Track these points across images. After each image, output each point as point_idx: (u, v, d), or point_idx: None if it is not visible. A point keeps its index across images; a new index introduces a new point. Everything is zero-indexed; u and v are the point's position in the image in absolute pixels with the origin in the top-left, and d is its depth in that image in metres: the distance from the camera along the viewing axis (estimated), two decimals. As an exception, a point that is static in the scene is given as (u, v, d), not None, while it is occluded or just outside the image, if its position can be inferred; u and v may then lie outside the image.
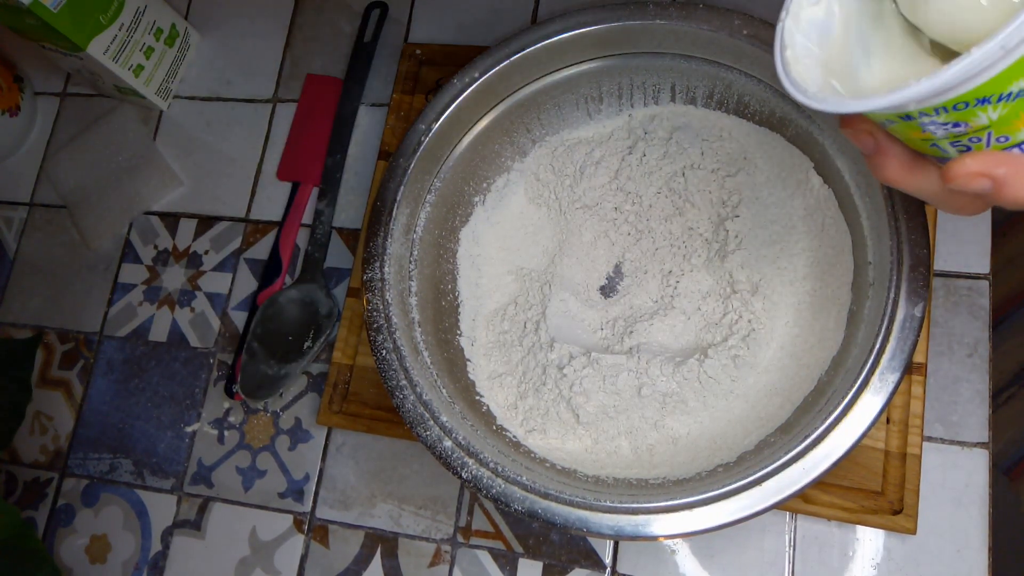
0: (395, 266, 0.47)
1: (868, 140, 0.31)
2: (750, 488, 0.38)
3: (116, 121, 0.64)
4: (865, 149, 0.32)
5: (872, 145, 0.31)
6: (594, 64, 0.50)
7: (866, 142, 0.31)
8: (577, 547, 0.49)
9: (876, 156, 0.31)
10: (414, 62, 0.58)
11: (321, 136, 0.59)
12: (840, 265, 0.45)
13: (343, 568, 0.51)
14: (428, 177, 0.50)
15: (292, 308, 0.55)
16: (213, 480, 0.55)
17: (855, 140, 0.32)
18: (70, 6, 0.54)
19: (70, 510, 0.57)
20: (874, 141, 0.31)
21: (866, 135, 0.31)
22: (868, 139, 0.31)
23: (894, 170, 0.31)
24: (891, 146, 0.31)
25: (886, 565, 0.45)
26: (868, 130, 0.31)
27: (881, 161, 0.31)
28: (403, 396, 0.44)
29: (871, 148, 0.31)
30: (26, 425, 0.59)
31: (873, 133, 0.31)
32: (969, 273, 0.48)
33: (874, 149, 0.31)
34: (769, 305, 0.47)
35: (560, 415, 0.47)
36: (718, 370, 0.46)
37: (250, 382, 0.54)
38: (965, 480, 0.45)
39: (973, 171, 0.27)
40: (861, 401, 0.38)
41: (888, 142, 0.31)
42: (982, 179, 0.27)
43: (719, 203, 0.50)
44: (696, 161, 0.50)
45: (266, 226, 0.60)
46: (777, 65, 0.29)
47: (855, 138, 0.32)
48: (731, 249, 0.48)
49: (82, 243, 0.63)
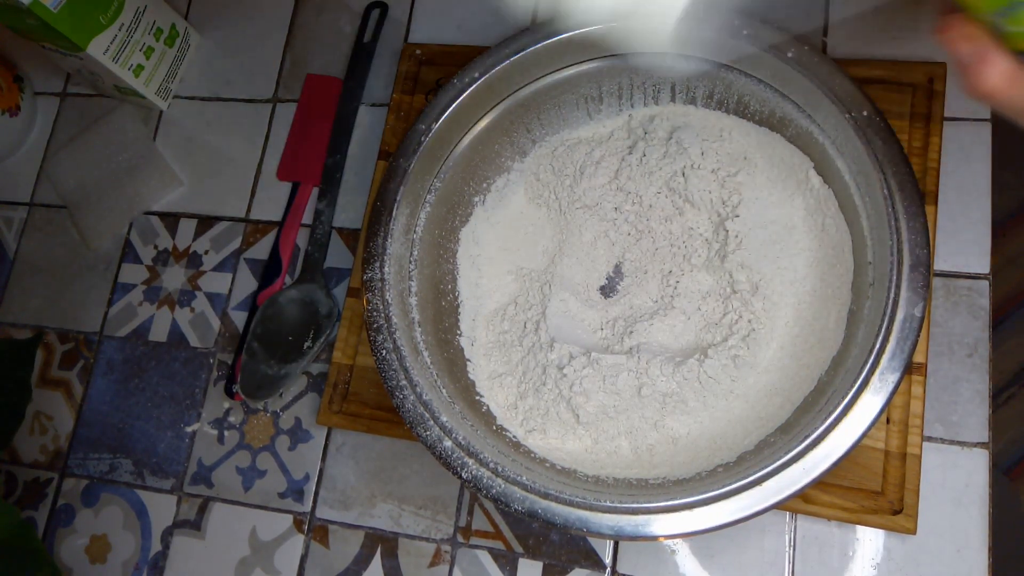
0: (395, 266, 0.47)
1: (968, 47, 0.29)
2: (750, 488, 0.38)
3: (116, 121, 0.64)
4: (964, 58, 0.30)
5: (972, 53, 0.29)
6: (594, 64, 0.50)
7: (966, 50, 0.29)
8: (577, 547, 0.49)
9: (979, 63, 0.29)
10: (414, 62, 0.58)
11: (321, 136, 0.59)
12: (840, 265, 0.45)
13: (343, 568, 0.51)
14: (428, 177, 0.50)
15: (292, 308, 0.55)
16: (213, 480, 0.55)
17: (952, 47, 0.30)
18: (70, 6, 0.54)
19: (70, 510, 0.57)
20: (975, 48, 0.29)
21: (966, 40, 0.29)
22: (969, 46, 0.29)
23: (997, 79, 0.29)
24: (996, 52, 0.29)
25: (886, 565, 0.45)
26: (971, 34, 0.29)
27: (984, 69, 0.29)
28: (403, 396, 0.44)
29: (971, 56, 0.29)
30: (26, 425, 0.59)
31: (975, 38, 0.29)
32: (969, 273, 0.48)
33: (976, 57, 0.29)
34: (769, 305, 0.47)
35: (560, 415, 0.47)
36: (718, 370, 0.46)
37: (250, 382, 0.54)
38: (965, 480, 0.45)
39: None
40: (861, 401, 0.39)
41: (992, 48, 0.29)
42: None
43: (719, 203, 0.50)
44: (696, 161, 0.50)
45: (266, 226, 0.60)
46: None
47: (953, 44, 0.30)
48: (731, 249, 0.48)
49: (82, 243, 0.63)
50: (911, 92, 0.49)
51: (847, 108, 0.43)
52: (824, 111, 0.44)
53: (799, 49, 0.44)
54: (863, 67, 0.50)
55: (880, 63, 0.50)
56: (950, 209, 0.49)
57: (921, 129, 0.48)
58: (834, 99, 0.43)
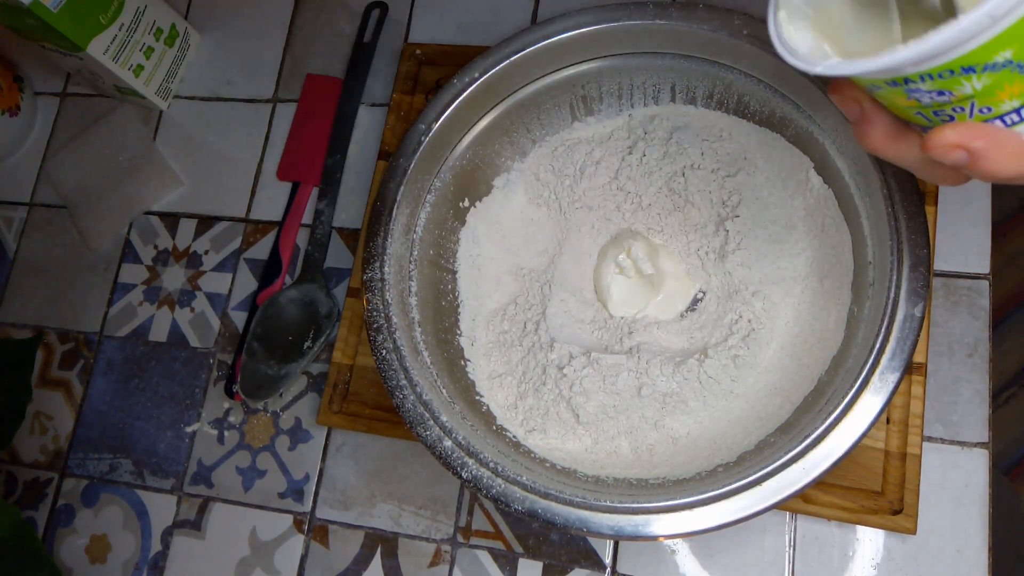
0: (395, 266, 0.47)
1: (855, 107, 0.31)
2: (750, 488, 0.38)
3: (116, 121, 0.64)
4: (851, 115, 0.32)
5: (858, 112, 0.31)
6: (594, 64, 0.50)
7: (852, 108, 0.31)
8: (577, 547, 0.49)
9: (862, 123, 0.31)
10: (414, 62, 0.58)
11: (321, 136, 0.59)
12: (840, 265, 0.45)
13: (343, 568, 0.51)
14: (428, 177, 0.50)
15: (292, 308, 0.55)
16: (213, 480, 0.55)
17: (841, 106, 0.32)
18: (70, 6, 0.54)
19: (70, 510, 0.57)
20: (860, 108, 0.31)
21: (853, 101, 0.31)
22: (855, 106, 0.31)
23: (878, 138, 0.31)
24: (877, 114, 0.31)
25: (886, 565, 0.45)
26: (855, 96, 0.31)
27: (866, 129, 0.31)
28: (403, 396, 0.44)
29: (857, 115, 0.31)
30: (26, 425, 0.59)
31: (859, 100, 0.31)
32: (969, 273, 0.48)
33: (860, 116, 0.31)
34: (769, 305, 0.47)
35: (560, 415, 0.47)
36: (718, 370, 0.46)
37: (250, 382, 0.54)
38: (965, 480, 0.45)
39: (950, 142, 0.27)
40: (861, 401, 0.38)
41: (874, 109, 0.31)
42: (958, 151, 0.27)
43: (719, 203, 0.50)
44: (696, 161, 0.50)
45: (266, 226, 0.60)
46: (769, 25, 0.29)
47: (842, 104, 0.32)
48: (731, 249, 0.48)
49: (82, 243, 0.63)
50: (911, 92, 0.49)
51: (847, 108, 0.43)
52: (824, 111, 0.44)
53: (799, 49, 0.44)
54: (863, 67, 0.50)
55: (880, 63, 0.50)
56: (950, 209, 0.49)
57: (921, 129, 0.48)
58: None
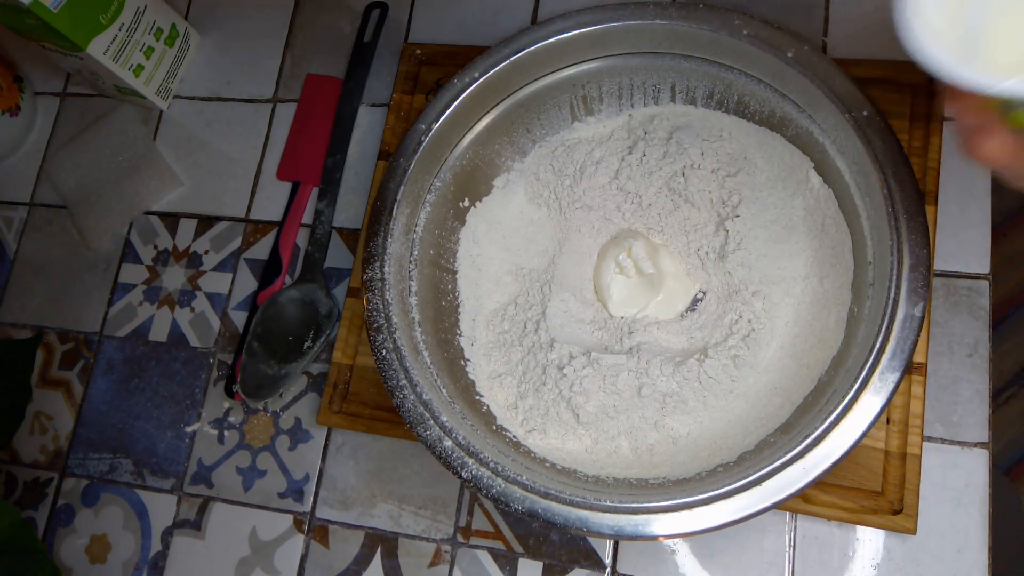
0: (395, 266, 0.47)
1: (975, 118, 0.30)
2: (750, 488, 0.38)
3: (116, 121, 0.64)
4: (967, 126, 0.31)
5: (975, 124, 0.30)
6: (594, 64, 0.50)
7: (969, 120, 0.30)
8: (577, 547, 0.49)
9: (980, 133, 0.30)
10: (414, 62, 0.58)
11: (321, 136, 0.59)
12: (840, 265, 0.45)
13: (343, 568, 0.51)
14: (428, 177, 0.50)
15: (292, 308, 0.55)
16: (213, 480, 0.55)
17: (960, 116, 0.31)
18: (70, 6, 0.54)
19: (70, 510, 0.57)
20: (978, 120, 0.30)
21: (973, 113, 0.30)
22: (976, 117, 0.30)
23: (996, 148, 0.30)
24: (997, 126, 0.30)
25: (886, 565, 0.45)
26: (976, 108, 0.30)
27: (982, 140, 0.30)
28: (403, 396, 0.44)
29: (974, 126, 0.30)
30: (26, 425, 0.59)
31: (980, 112, 0.30)
32: (969, 273, 0.48)
33: (978, 128, 0.30)
34: (769, 305, 0.47)
35: (560, 415, 0.47)
36: (718, 370, 0.46)
37: (250, 382, 0.54)
38: (965, 480, 0.45)
39: None
40: (861, 401, 0.38)
41: (996, 122, 0.30)
42: None
43: (719, 203, 0.50)
44: (696, 161, 0.50)
45: (266, 226, 0.60)
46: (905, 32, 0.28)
47: (961, 114, 0.31)
48: (731, 249, 0.48)
49: (82, 243, 0.63)
50: (911, 92, 0.49)
51: (847, 108, 0.43)
52: (824, 111, 0.44)
53: (799, 49, 0.44)
54: (863, 67, 0.50)
55: (880, 63, 0.50)
56: (950, 209, 0.49)
57: (921, 129, 0.48)
58: (834, 99, 0.43)
